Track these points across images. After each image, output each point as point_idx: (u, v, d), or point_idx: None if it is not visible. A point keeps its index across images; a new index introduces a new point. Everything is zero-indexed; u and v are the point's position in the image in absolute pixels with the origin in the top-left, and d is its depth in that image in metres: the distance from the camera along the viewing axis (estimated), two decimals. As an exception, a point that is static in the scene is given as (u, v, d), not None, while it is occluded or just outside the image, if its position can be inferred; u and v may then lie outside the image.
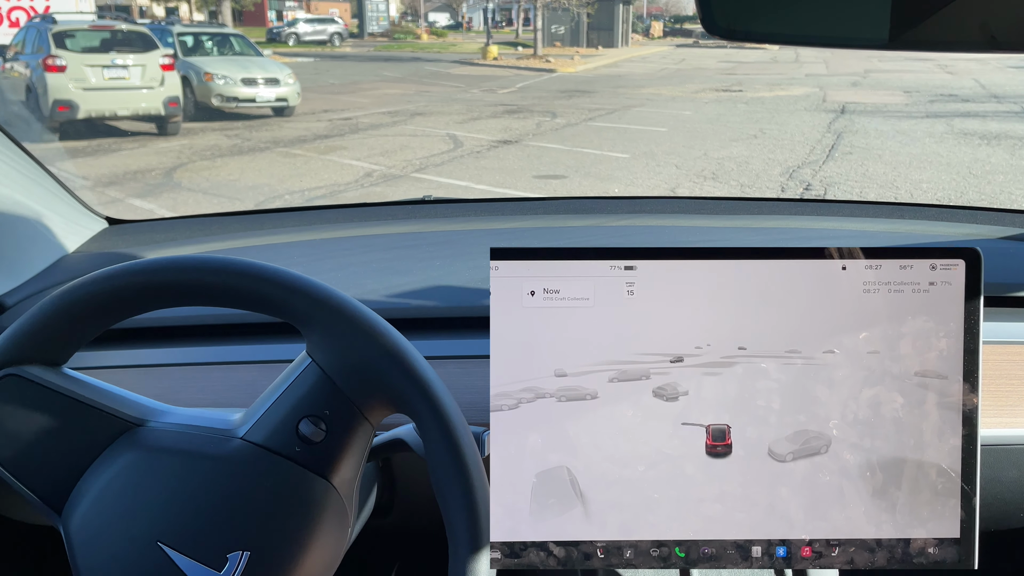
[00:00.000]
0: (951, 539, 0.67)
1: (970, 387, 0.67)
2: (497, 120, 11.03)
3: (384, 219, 1.46)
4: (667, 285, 0.67)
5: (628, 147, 8.93)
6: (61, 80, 8.82)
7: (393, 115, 11.47)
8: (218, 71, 10.77)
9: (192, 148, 8.67)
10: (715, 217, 1.44)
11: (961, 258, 0.66)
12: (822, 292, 0.66)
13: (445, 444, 0.64)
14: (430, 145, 9.01)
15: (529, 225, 1.41)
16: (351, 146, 8.90)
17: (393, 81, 16.69)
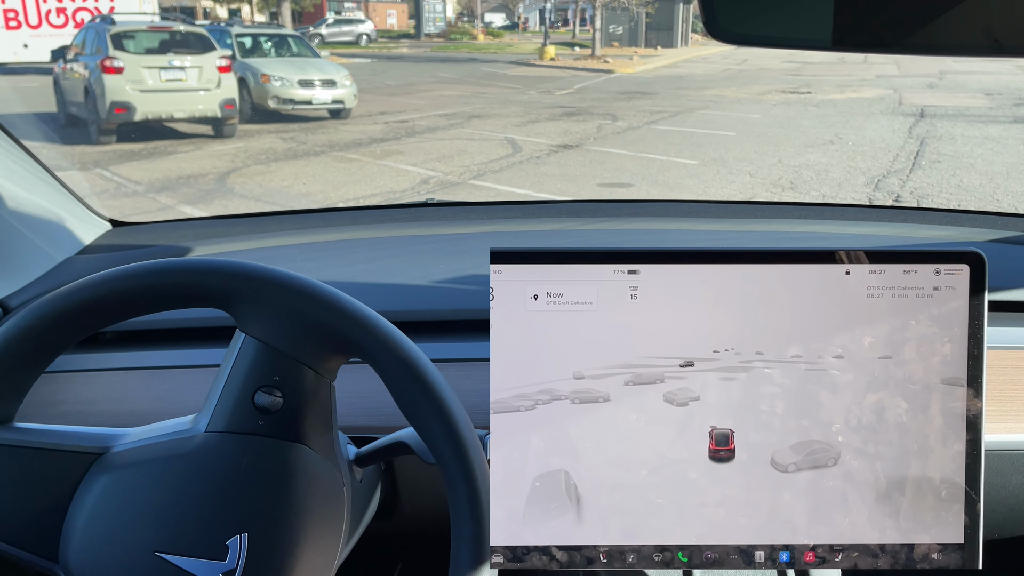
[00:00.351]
0: (955, 544, 0.66)
1: (974, 392, 0.66)
2: (556, 123, 10.70)
3: (388, 222, 1.45)
4: (670, 289, 0.66)
5: (696, 153, 8.49)
6: (118, 81, 8.76)
7: (449, 118, 11.23)
8: (275, 72, 10.65)
9: (247, 151, 8.53)
10: (718, 220, 1.43)
11: (965, 263, 0.65)
12: (826, 296, 0.66)
13: (407, 374, 0.66)
14: (488, 150, 8.71)
15: (532, 228, 1.40)
16: (407, 150, 8.66)
17: (449, 82, 16.49)
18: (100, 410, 0.98)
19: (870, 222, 1.41)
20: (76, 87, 9.35)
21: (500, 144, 9.05)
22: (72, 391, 1.01)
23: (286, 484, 0.67)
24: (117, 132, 8.90)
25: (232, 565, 0.65)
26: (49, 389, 1.01)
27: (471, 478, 0.64)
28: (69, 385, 1.02)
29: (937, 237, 1.33)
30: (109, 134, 8.81)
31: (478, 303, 1.07)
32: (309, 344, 0.67)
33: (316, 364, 0.68)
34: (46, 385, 1.00)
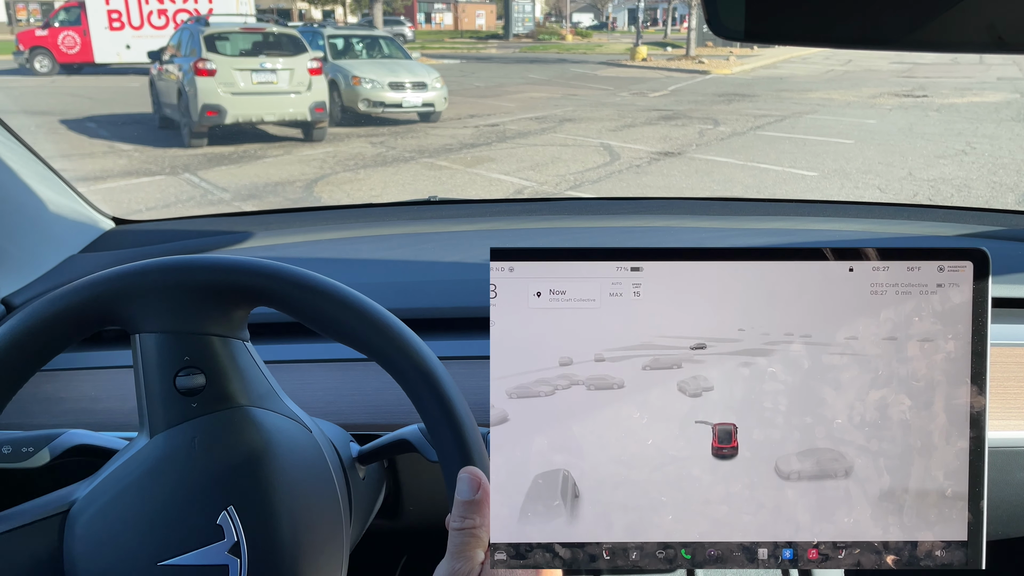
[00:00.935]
0: (958, 542, 0.66)
1: (978, 389, 0.66)
2: (653, 127, 10.16)
3: (390, 219, 1.46)
4: (674, 286, 0.66)
5: (813, 163, 7.81)
6: (210, 84, 8.67)
7: (541, 121, 10.84)
8: (366, 75, 10.44)
9: (336, 157, 8.29)
10: (720, 218, 1.43)
11: (969, 259, 0.65)
12: (829, 293, 0.65)
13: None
14: (583, 157, 8.24)
15: (534, 226, 1.41)
16: (499, 157, 8.27)
17: (539, 84, 16.16)
18: (104, 408, 0.97)
19: (873, 219, 1.40)
20: (170, 89, 9.33)
21: (596, 151, 8.57)
22: (76, 389, 1.00)
23: (243, 446, 0.67)
24: (208, 135, 8.81)
25: (233, 538, 0.66)
26: (53, 387, 1.00)
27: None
28: (73, 383, 1.01)
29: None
30: (200, 137, 8.73)
31: (480, 301, 1.07)
32: (194, 312, 0.67)
33: (217, 327, 0.68)
34: (49, 383, 1.00)
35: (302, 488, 0.70)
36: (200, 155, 8.28)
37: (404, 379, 0.68)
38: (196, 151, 8.47)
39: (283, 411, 0.73)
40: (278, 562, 0.67)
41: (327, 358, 1.05)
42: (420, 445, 0.79)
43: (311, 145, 8.93)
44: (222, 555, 0.66)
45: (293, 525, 0.68)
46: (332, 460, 0.76)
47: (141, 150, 8.50)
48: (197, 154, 8.32)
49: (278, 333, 1.08)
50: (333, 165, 7.87)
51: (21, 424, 0.93)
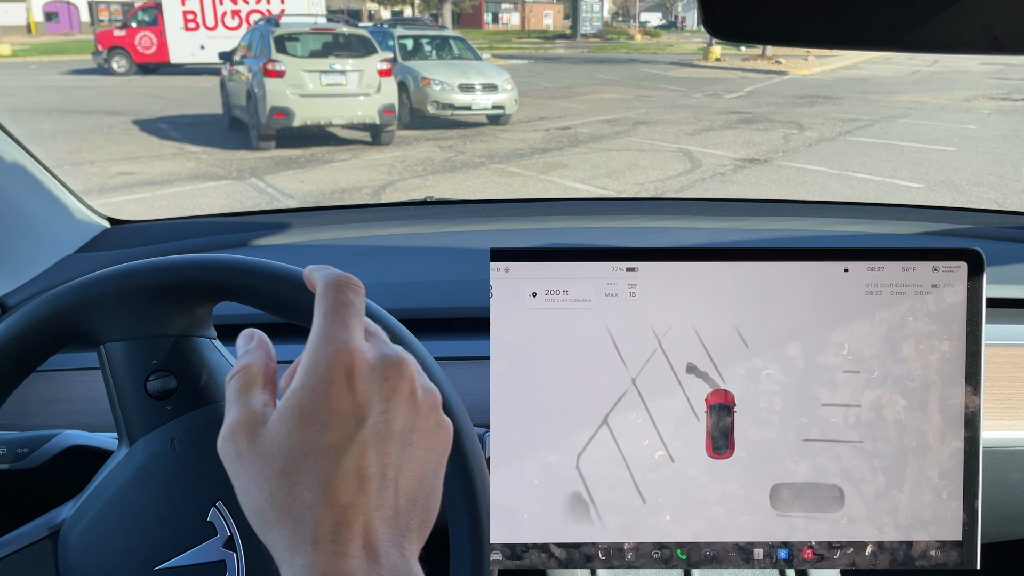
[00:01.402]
0: (953, 542, 0.66)
1: (972, 389, 0.66)
2: (733, 132, 9.65)
3: (387, 220, 1.45)
4: (669, 286, 0.66)
5: (915, 173, 7.22)
6: (279, 86, 8.50)
7: (613, 124, 10.45)
8: (435, 76, 10.18)
9: (404, 162, 8.04)
10: (716, 219, 1.43)
11: (963, 260, 0.65)
12: (825, 293, 0.65)
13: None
14: (662, 164, 7.81)
15: (531, 226, 1.41)
16: (572, 163, 7.90)
17: (609, 84, 15.76)
18: (100, 408, 0.94)
19: (867, 220, 1.41)
20: (240, 90, 9.24)
21: (675, 157, 8.12)
22: (72, 389, 0.99)
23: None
24: (276, 137, 8.67)
25: (226, 534, 0.65)
26: (49, 388, 0.99)
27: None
28: (68, 384, 1.00)
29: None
30: (268, 139, 8.59)
31: (476, 301, 1.05)
32: (157, 315, 0.66)
33: (179, 329, 0.67)
34: (46, 384, 0.99)
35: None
36: (267, 158, 8.13)
37: None
38: (263, 154, 8.33)
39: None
40: None
41: None
42: None
43: (379, 149, 8.71)
44: (217, 551, 0.65)
45: None
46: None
47: (209, 152, 8.41)
48: (264, 157, 8.18)
49: (269, 334, 1.11)
50: (401, 171, 7.62)
51: (16, 425, 0.92)
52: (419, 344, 0.67)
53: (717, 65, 20.63)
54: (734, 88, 14.90)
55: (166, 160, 7.99)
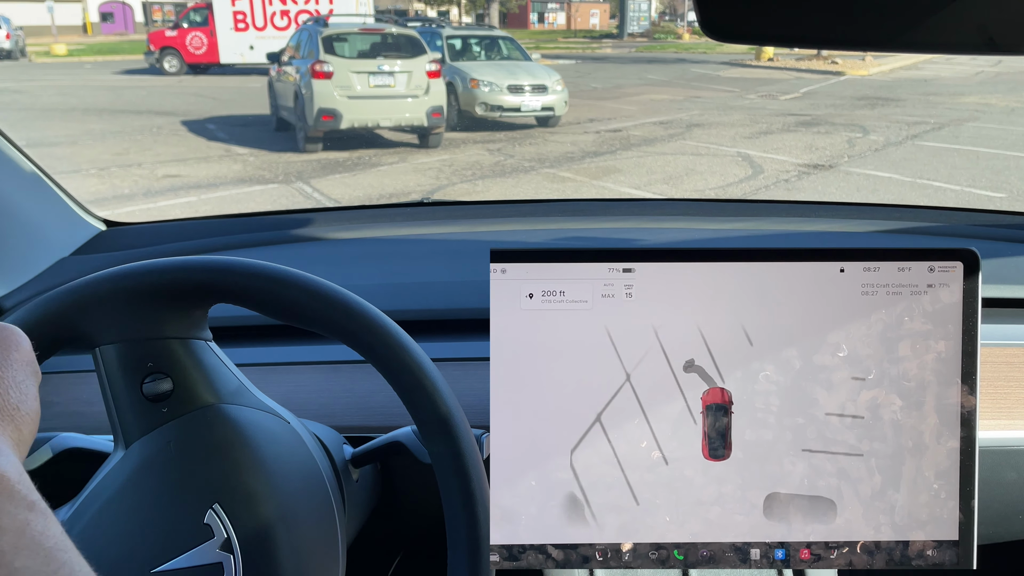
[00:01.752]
0: (950, 541, 0.66)
1: (968, 389, 0.66)
2: (793, 135, 9.26)
3: (384, 221, 1.46)
4: (666, 287, 0.66)
5: (995, 181, 6.78)
6: (327, 87, 8.36)
7: (666, 126, 10.13)
8: (484, 77, 9.96)
9: (452, 166, 7.84)
10: (713, 219, 1.44)
11: (959, 260, 0.65)
12: (821, 294, 0.66)
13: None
14: (721, 169, 7.48)
15: (528, 227, 1.41)
16: (626, 168, 7.62)
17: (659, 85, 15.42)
18: (96, 411, 0.94)
19: (864, 220, 1.40)
20: (287, 91, 9.13)
21: (734, 161, 7.78)
22: (68, 392, 0.99)
23: (218, 444, 0.67)
24: (323, 140, 8.53)
25: (223, 535, 0.65)
26: (44, 391, 0.85)
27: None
28: (65, 386, 1.00)
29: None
30: (315, 142, 8.45)
31: (474, 302, 1.06)
32: (152, 317, 0.66)
33: (174, 331, 0.67)
34: (41, 386, 0.78)
35: (286, 477, 0.68)
36: (314, 161, 8.00)
37: (376, 359, 0.66)
38: (310, 156, 8.20)
39: (256, 405, 0.72)
40: (272, 552, 0.65)
41: (319, 360, 1.03)
42: (413, 447, 0.78)
43: (426, 152, 8.53)
44: (214, 553, 0.64)
45: (282, 515, 0.66)
46: (318, 454, 0.74)
47: (256, 154, 8.31)
48: (311, 160, 8.05)
49: (268, 336, 1.06)
50: (450, 175, 7.41)
51: None
52: (415, 345, 0.66)
53: (770, 65, 20.27)
54: (789, 89, 14.47)
55: (213, 162, 7.91)
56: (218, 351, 0.71)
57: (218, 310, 0.70)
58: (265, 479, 0.67)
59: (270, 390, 0.81)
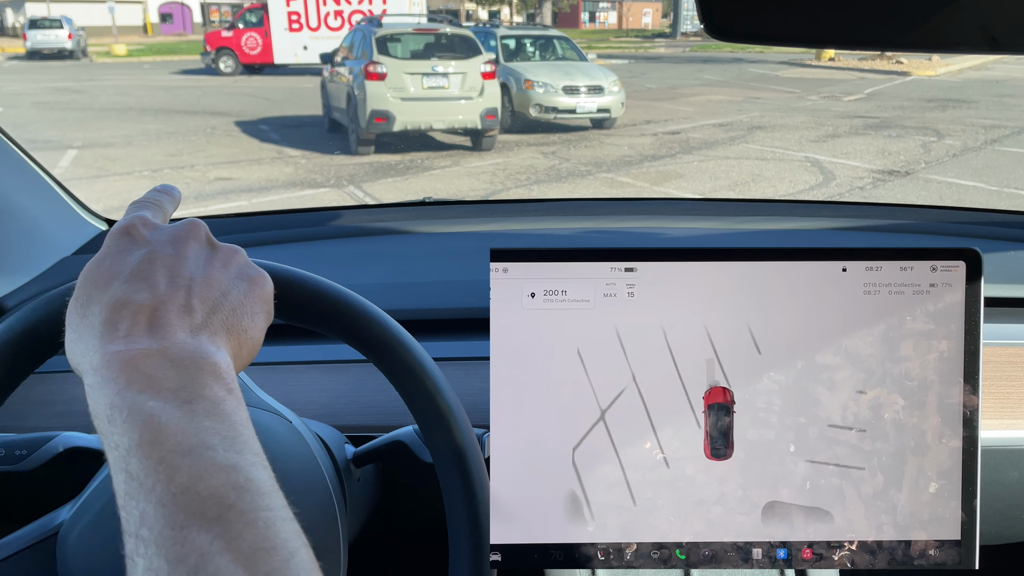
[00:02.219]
0: (952, 541, 0.66)
1: (971, 389, 0.66)
2: (863, 138, 8.84)
3: (387, 220, 1.46)
4: (667, 286, 0.66)
5: (1091, 192, 6.32)
6: (380, 89, 8.20)
7: (726, 128, 9.78)
8: (539, 78, 9.73)
9: (506, 169, 7.62)
10: (715, 219, 1.43)
11: (961, 259, 0.65)
12: (823, 293, 0.65)
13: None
14: (790, 175, 7.12)
15: (530, 227, 1.41)
16: (687, 172, 7.31)
17: (715, 85, 15.02)
18: None
19: (866, 219, 1.40)
20: (340, 92, 9.02)
21: (802, 167, 7.41)
22: (69, 391, 0.99)
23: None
24: (375, 142, 8.39)
25: None
26: (46, 390, 0.99)
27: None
28: (66, 386, 1.00)
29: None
30: (367, 144, 8.32)
31: (475, 302, 1.05)
32: None
33: None
34: (42, 385, 0.99)
35: (287, 477, 0.62)
36: (366, 164, 7.86)
37: (378, 358, 0.66)
38: (362, 159, 8.06)
39: (258, 404, 0.72)
40: None
41: (321, 359, 1.02)
42: (415, 446, 0.78)
43: (479, 155, 8.32)
44: None
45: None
46: (320, 453, 0.74)
47: (308, 157, 8.21)
48: (363, 163, 7.91)
49: (270, 335, 0.96)
50: (504, 179, 7.20)
51: (14, 427, 0.92)
52: (417, 344, 0.66)
53: (831, 65, 19.77)
54: (852, 90, 13.98)
55: (264, 165, 7.82)
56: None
57: None
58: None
59: (272, 389, 0.80)
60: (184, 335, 0.44)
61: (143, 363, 0.41)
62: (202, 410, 0.40)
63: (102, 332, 0.43)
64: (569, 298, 0.66)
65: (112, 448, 0.39)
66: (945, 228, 1.35)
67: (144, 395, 0.40)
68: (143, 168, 7.66)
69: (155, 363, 0.41)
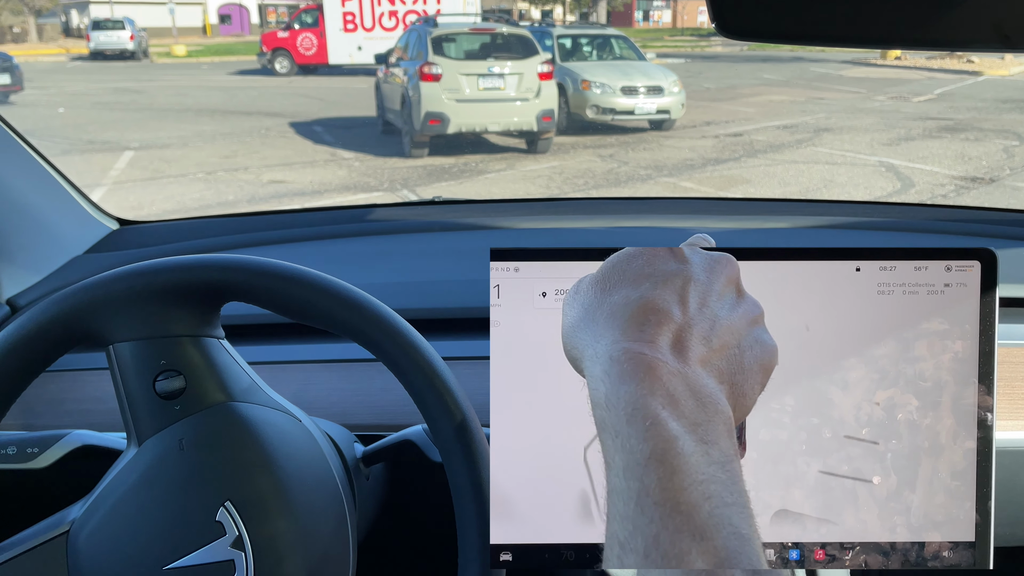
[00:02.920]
0: (966, 542, 0.66)
1: (985, 389, 0.65)
2: (938, 142, 8.40)
3: (395, 219, 1.46)
4: None
5: None
6: (435, 90, 8.04)
7: (791, 130, 9.41)
8: (596, 79, 9.47)
9: (563, 173, 7.39)
10: (723, 218, 1.43)
11: (977, 259, 0.65)
12: (836, 293, 0.65)
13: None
14: (864, 180, 6.76)
15: (540, 226, 1.41)
16: (754, 178, 6.99)
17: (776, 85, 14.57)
18: (109, 408, 0.95)
19: (880, 218, 1.40)
20: (394, 93, 8.90)
21: (877, 172, 7.03)
22: (81, 389, 1.00)
23: (230, 441, 0.68)
24: (429, 145, 8.24)
25: (234, 533, 0.66)
26: (57, 388, 1.00)
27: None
28: (78, 384, 1.01)
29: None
30: (421, 147, 8.17)
31: (485, 301, 0.91)
32: (165, 316, 0.67)
33: (187, 329, 0.68)
34: (53, 383, 1.00)
35: (297, 475, 0.69)
36: (420, 167, 7.71)
37: (388, 357, 0.67)
38: (416, 162, 7.92)
39: (268, 403, 0.72)
40: (283, 550, 0.66)
41: (330, 358, 1.03)
42: (424, 445, 0.79)
43: (534, 158, 8.11)
44: (225, 551, 0.65)
45: (293, 513, 0.67)
46: (330, 452, 0.74)
47: (362, 159, 8.10)
48: (416, 166, 7.76)
49: (280, 334, 1.07)
50: (561, 184, 6.97)
51: (26, 425, 0.94)
52: (426, 343, 0.67)
53: (898, 64, 19.06)
54: (921, 90, 13.42)
55: (318, 167, 7.73)
56: (230, 349, 0.72)
57: (230, 308, 0.70)
58: (276, 477, 0.68)
59: (281, 388, 0.80)
60: (699, 368, 0.43)
61: (667, 379, 0.41)
62: (717, 458, 0.40)
63: (625, 327, 0.44)
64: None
65: (625, 450, 0.39)
66: (959, 228, 1.35)
67: (666, 411, 0.40)
68: (197, 170, 7.64)
69: (677, 383, 0.41)
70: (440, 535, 0.88)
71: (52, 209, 1.24)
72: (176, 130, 9.90)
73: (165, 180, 7.23)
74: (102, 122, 10.57)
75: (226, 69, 19.73)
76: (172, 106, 12.19)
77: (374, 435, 0.86)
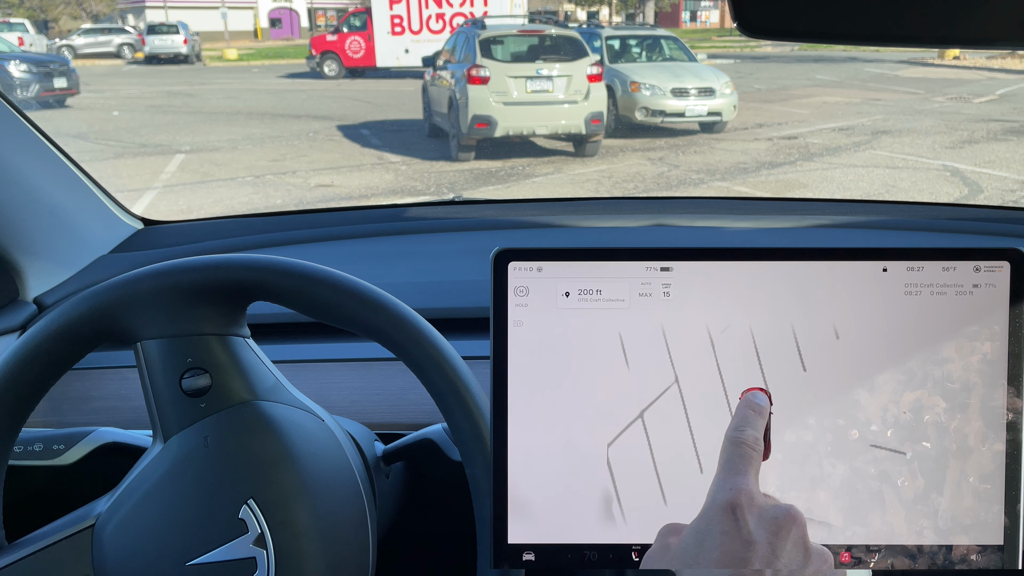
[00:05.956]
0: (995, 546, 0.65)
1: (1015, 391, 0.64)
2: (1004, 145, 8.07)
3: (415, 219, 1.47)
4: (704, 286, 0.65)
5: None
6: (482, 93, 7.97)
7: (848, 133, 9.13)
8: (646, 80, 9.30)
9: (612, 177, 7.25)
10: (748, 218, 1.42)
11: (1006, 260, 0.64)
12: (863, 294, 0.64)
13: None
14: (928, 185, 6.50)
15: (563, 224, 1.40)
16: (812, 182, 6.77)
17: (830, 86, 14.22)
18: (133, 405, 0.97)
19: (907, 218, 1.39)
20: (441, 96, 8.85)
21: (941, 176, 6.75)
22: (106, 387, 1.01)
23: (255, 440, 0.68)
24: (476, 148, 8.17)
25: (256, 531, 0.66)
26: (83, 386, 1.01)
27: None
28: (103, 382, 1.02)
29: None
30: (468, 150, 8.11)
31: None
32: (192, 314, 0.68)
33: (213, 328, 0.69)
34: (80, 381, 1.02)
35: (319, 474, 0.70)
36: (467, 171, 7.65)
37: (410, 358, 0.68)
38: (463, 166, 7.86)
39: (292, 402, 0.73)
40: (304, 548, 0.67)
41: (352, 357, 1.04)
42: (444, 445, 0.80)
43: (582, 161, 7.98)
44: (247, 548, 0.66)
45: (314, 511, 0.68)
46: (351, 451, 0.75)
47: (408, 163, 8.07)
48: (463, 169, 7.70)
49: (302, 333, 1.08)
50: (609, 188, 6.84)
51: (53, 422, 0.94)
52: (446, 343, 0.68)
53: (955, 64, 18.49)
54: (982, 91, 12.97)
55: (365, 171, 7.72)
56: (256, 348, 0.73)
57: (255, 307, 0.71)
58: (299, 475, 0.68)
59: (304, 386, 0.80)
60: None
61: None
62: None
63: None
64: (604, 297, 0.64)
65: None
66: (988, 228, 1.34)
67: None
68: (246, 174, 7.68)
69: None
70: (459, 534, 0.89)
71: (78, 209, 1.25)
72: (226, 133, 10.00)
73: (215, 184, 7.28)
74: (155, 125, 10.74)
75: (276, 72, 19.98)
76: (223, 109, 12.35)
77: (394, 434, 0.87)
